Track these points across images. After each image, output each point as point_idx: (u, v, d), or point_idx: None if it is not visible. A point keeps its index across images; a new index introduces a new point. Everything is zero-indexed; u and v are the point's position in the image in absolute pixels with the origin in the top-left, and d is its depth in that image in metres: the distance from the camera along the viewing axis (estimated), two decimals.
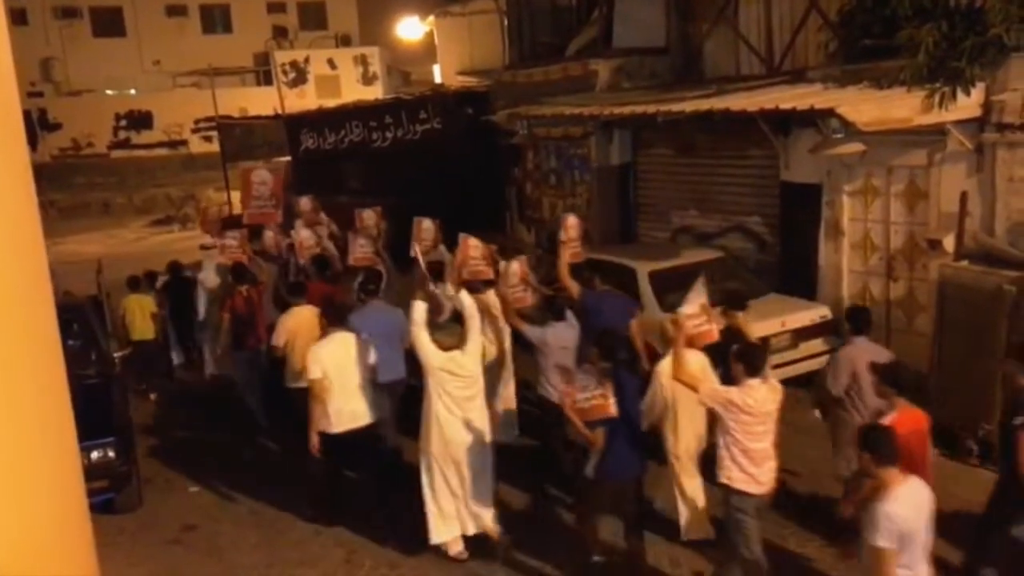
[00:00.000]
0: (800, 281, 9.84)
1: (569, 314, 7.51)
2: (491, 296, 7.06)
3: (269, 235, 10.55)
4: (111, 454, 7.26)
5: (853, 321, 6.62)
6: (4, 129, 4.30)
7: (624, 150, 12.64)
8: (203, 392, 10.62)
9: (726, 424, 5.38)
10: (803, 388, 9.20)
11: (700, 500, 6.52)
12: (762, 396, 5.36)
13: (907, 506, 4.20)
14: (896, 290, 9.20)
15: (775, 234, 10.53)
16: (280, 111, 22.90)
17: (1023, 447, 4.79)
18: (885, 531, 4.13)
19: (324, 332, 7.08)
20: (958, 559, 6.11)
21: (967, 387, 7.58)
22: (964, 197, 8.15)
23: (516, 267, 7.96)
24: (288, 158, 19.68)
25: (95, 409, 7.16)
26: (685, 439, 6.47)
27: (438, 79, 21.84)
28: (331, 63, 28.65)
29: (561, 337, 7.26)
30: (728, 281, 9.90)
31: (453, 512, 6.41)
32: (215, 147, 25.26)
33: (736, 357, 5.51)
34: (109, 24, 35.60)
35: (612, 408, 5.58)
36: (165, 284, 11.42)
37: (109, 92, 35.27)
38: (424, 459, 6.38)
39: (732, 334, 6.55)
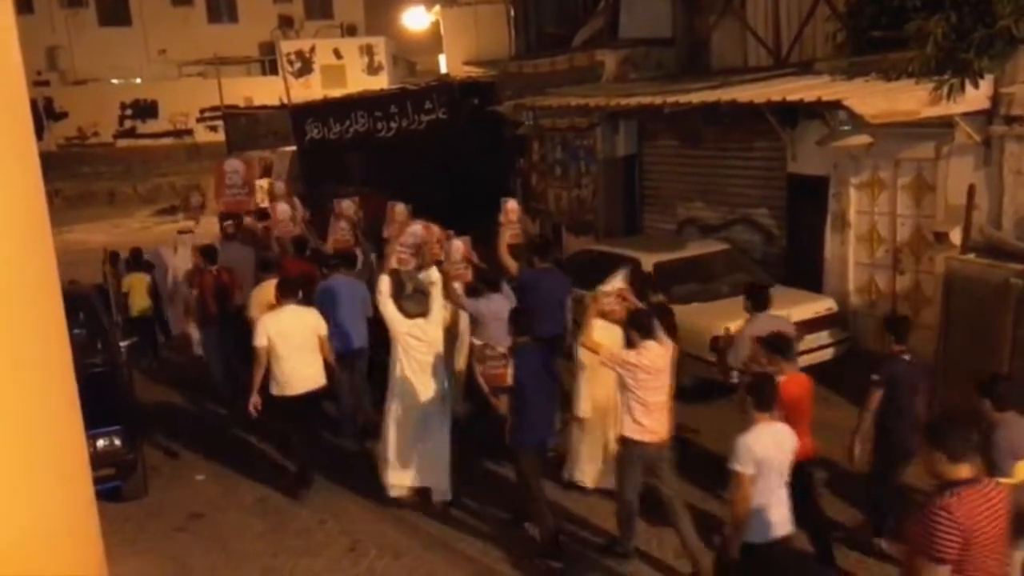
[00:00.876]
0: (806, 273, 9.83)
1: (506, 288, 8.11)
2: (432, 272, 7.49)
3: (248, 220, 11.27)
4: (117, 442, 7.29)
5: (753, 299, 7.18)
6: (12, 118, 4.30)
7: (630, 141, 12.61)
8: (200, 376, 10.62)
9: (625, 382, 5.98)
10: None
11: (602, 454, 7.05)
12: (655, 355, 5.97)
13: (766, 441, 4.93)
14: (902, 283, 9.18)
15: (781, 226, 10.51)
16: (285, 101, 22.87)
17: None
18: (743, 458, 4.87)
19: (277, 304, 7.56)
20: None
21: (972, 380, 7.56)
22: (971, 190, 8.13)
23: (459, 245, 8.67)
24: (293, 148, 19.68)
25: (101, 397, 7.15)
26: (592, 399, 7.03)
27: (444, 69, 21.80)
28: (337, 53, 28.64)
29: (495, 309, 7.67)
30: (734, 273, 9.92)
31: (409, 466, 7.06)
32: (220, 137, 25.30)
33: (629, 323, 6.14)
34: (115, 13, 35.55)
35: (508, 378, 6.30)
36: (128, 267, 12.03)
37: (115, 81, 35.26)
38: (387, 417, 7.05)
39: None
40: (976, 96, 7.82)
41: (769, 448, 4.91)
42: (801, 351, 8.86)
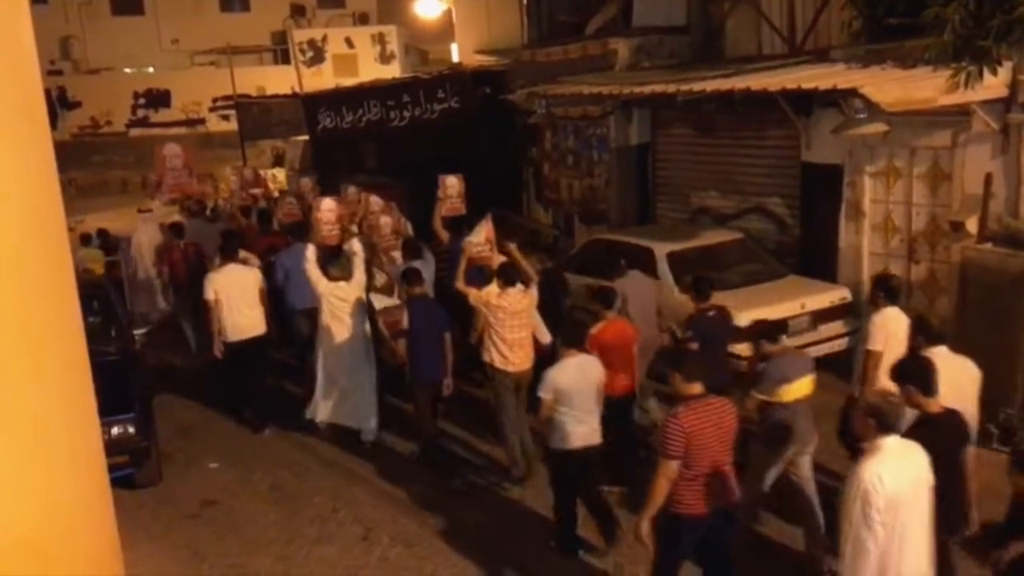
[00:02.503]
0: (820, 263, 9.78)
1: (427, 254, 9.39)
2: (354, 243, 8.61)
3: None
4: (131, 430, 7.32)
5: (622, 261, 8.38)
6: (28, 108, 4.31)
7: (643, 130, 12.55)
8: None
9: (489, 320, 7.26)
10: (823, 370, 9.19)
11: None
12: (513, 299, 7.26)
13: (569, 373, 6.03)
14: (917, 272, 9.12)
15: (795, 215, 10.46)
16: (297, 90, 22.86)
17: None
18: (545, 386, 6.04)
19: (222, 264, 8.90)
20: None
21: (988, 371, 7.48)
22: (988, 179, 8.05)
23: (387, 220, 9.72)
24: (306, 137, 19.68)
25: (115, 385, 7.19)
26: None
27: (456, 58, 21.73)
28: (348, 42, 28.55)
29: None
30: (747, 263, 9.88)
31: (332, 401, 8.28)
32: (233, 126, 25.30)
33: (496, 275, 7.49)
34: (127, 2, 35.59)
35: (404, 323, 7.62)
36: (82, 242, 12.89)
37: (127, 70, 35.32)
38: (316, 364, 8.33)
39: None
40: (994, 83, 7.73)
41: (571, 378, 6.01)
42: (814, 341, 8.88)
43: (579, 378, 6.04)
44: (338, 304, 8.12)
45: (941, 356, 5.37)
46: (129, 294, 11.91)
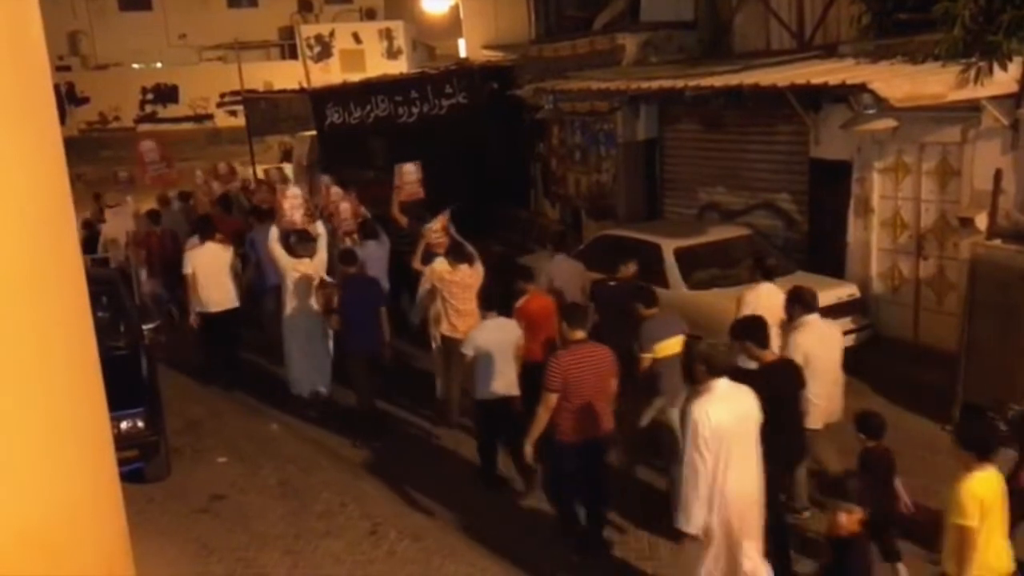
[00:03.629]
0: (828, 259, 9.75)
1: (383, 236, 10.30)
2: (318, 226, 9.46)
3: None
4: (140, 424, 7.35)
5: (554, 242, 9.57)
6: (38, 104, 4.33)
7: (651, 125, 12.52)
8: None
9: (442, 293, 8.27)
10: None
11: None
12: (463, 273, 8.22)
13: (487, 333, 7.01)
14: (926, 269, 9.09)
15: (803, 211, 10.42)
16: (305, 85, 22.88)
17: None
18: (467, 345, 7.04)
19: (199, 243, 9.91)
20: None
21: (997, 367, 7.49)
22: (998, 175, 8.01)
23: (346, 206, 10.59)
24: (313, 133, 19.69)
25: (124, 380, 7.23)
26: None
27: (463, 53, 21.71)
28: (356, 37, 28.52)
29: (369, 252, 9.82)
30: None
31: (304, 371, 9.17)
32: (240, 121, 25.29)
33: (447, 254, 8.46)
34: None
35: (335, 302, 8.55)
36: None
37: (136, 66, 35.39)
38: (283, 330, 9.23)
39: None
40: (1004, 79, 7.70)
41: (491, 336, 6.97)
42: None
43: (497, 336, 6.99)
44: (299, 280, 8.94)
45: (814, 323, 6.32)
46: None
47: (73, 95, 32.92)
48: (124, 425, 7.11)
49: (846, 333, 8.91)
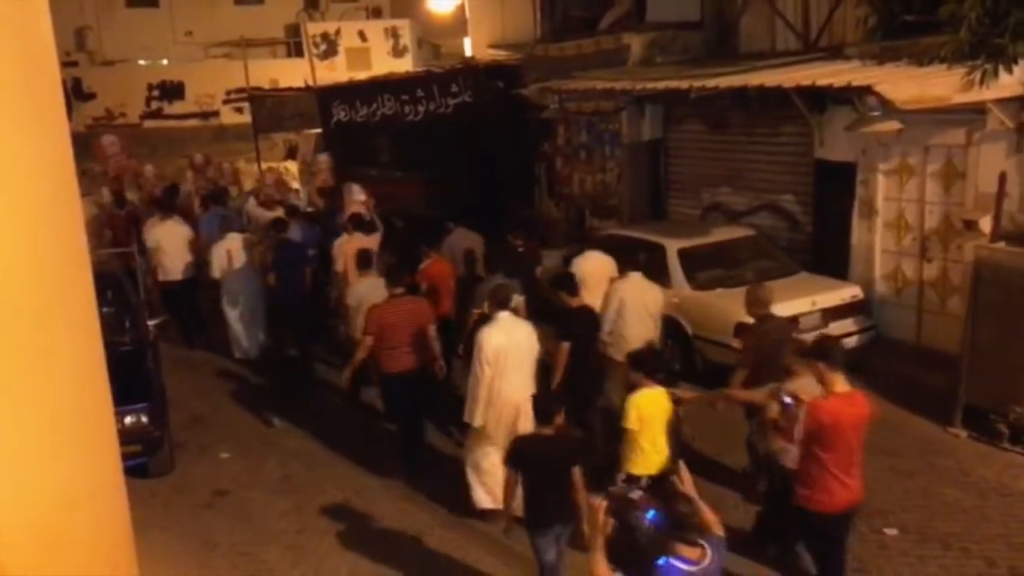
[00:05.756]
0: (832, 260, 9.76)
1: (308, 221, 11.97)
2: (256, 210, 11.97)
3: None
4: (144, 419, 7.39)
5: (449, 224, 10.45)
6: (46, 100, 4.35)
7: (656, 126, 12.53)
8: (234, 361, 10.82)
9: (350, 265, 9.16)
10: None
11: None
12: (363, 241, 9.52)
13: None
14: (929, 271, 9.09)
15: (808, 213, 10.42)
16: (310, 83, 22.86)
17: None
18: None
19: (161, 220, 11.51)
20: (982, 541, 6.10)
21: (1000, 370, 7.50)
22: (1003, 177, 8.01)
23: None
24: (319, 130, 19.71)
25: (129, 375, 7.26)
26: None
27: (469, 52, 21.69)
28: (362, 35, 28.47)
29: (296, 236, 11.01)
30: (759, 260, 9.86)
31: (242, 334, 10.63)
32: (246, 118, 25.27)
33: (348, 221, 10.33)
34: None
35: (272, 281, 10.15)
36: None
37: (142, 62, 35.38)
38: (222, 296, 10.62)
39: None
40: (1009, 82, 7.67)
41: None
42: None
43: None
44: (236, 250, 10.60)
45: (635, 280, 7.85)
46: None
47: (80, 91, 32.91)
48: (128, 420, 7.15)
49: (849, 334, 8.96)
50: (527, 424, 6.03)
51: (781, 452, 5.68)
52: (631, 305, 7.67)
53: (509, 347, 6.41)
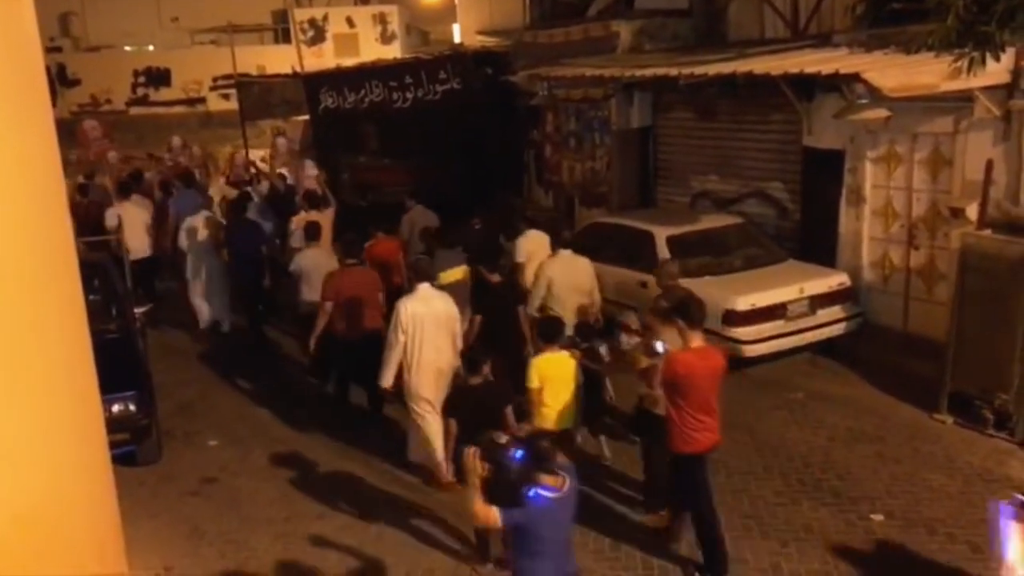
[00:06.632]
0: (820, 248, 9.78)
1: (256, 196, 12.90)
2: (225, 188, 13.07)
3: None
4: (132, 407, 7.36)
5: (407, 201, 11.13)
6: (29, 87, 4.31)
7: (644, 113, 12.52)
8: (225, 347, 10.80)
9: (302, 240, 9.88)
10: (821, 355, 9.24)
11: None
12: (318, 216, 10.40)
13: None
14: (917, 258, 9.13)
15: (796, 200, 10.44)
16: (298, 69, 22.73)
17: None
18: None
19: (120, 201, 12.28)
20: (970, 525, 6.16)
21: (985, 356, 7.55)
22: (989, 165, 8.05)
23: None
24: (306, 117, 19.61)
25: (116, 363, 7.20)
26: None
27: (457, 39, 21.61)
28: (349, 21, 28.33)
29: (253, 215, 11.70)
30: (747, 247, 9.88)
31: (203, 307, 11.27)
32: (233, 105, 25.14)
33: (303, 198, 11.45)
34: None
35: (226, 257, 11.08)
36: None
37: (128, 48, 35.07)
38: (187, 273, 11.30)
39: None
40: (997, 69, 7.70)
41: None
42: (813, 326, 8.91)
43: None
44: (200, 231, 11.17)
45: (564, 257, 8.35)
46: None
47: (64, 77, 32.61)
48: (116, 408, 7.11)
49: (836, 322, 9.00)
50: (445, 385, 6.93)
51: (653, 401, 6.19)
52: (560, 282, 8.17)
53: (426, 316, 6.94)
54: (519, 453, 4.33)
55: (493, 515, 4.34)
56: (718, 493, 6.79)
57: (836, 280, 9.18)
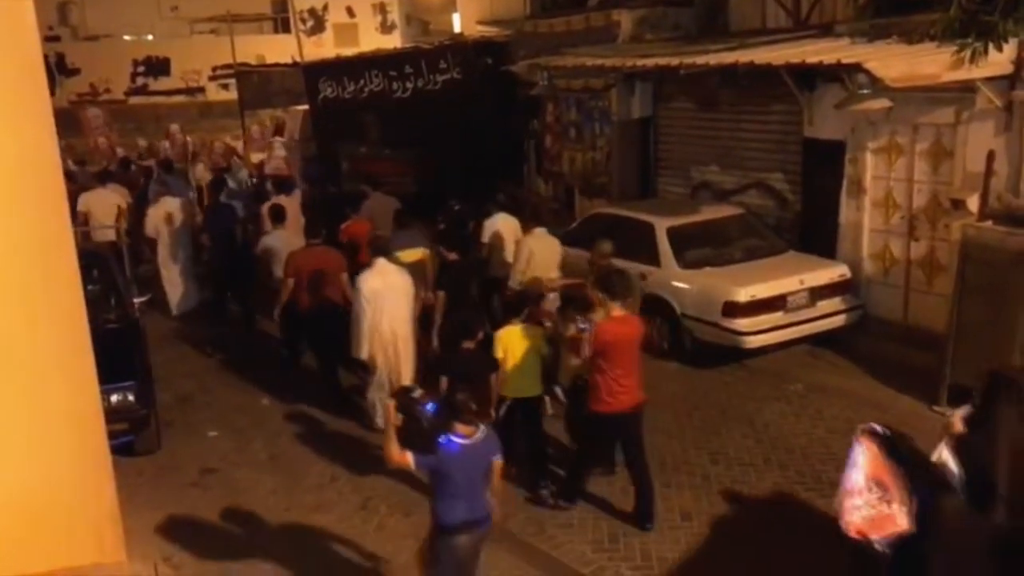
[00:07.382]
0: (820, 239, 9.77)
1: (231, 183, 14.05)
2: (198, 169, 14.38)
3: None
4: (130, 397, 7.34)
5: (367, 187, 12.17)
6: (27, 76, 4.28)
7: (645, 103, 12.48)
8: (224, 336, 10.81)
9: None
10: (821, 347, 9.23)
11: None
12: (286, 200, 11.23)
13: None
14: (917, 250, 9.11)
15: (796, 191, 10.42)
16: (298, 59, 22.67)
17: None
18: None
19: (95, 188, 12.74)
20: None
21: (985, 348, 7.53)
22: (991, 156, 8.01)
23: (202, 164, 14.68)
24: (305, 107, 19.57)
25: (115, 353, 7.19)
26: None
27: (457, 28, 21.52)
28: (349, 11, 28.22)
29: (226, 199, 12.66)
30: (748, 238, 9.86)
31: (173, 292, 11.70)
32: (232, 95, 25.11)
33: (273, 184, 12.21)
34: None
35: (206, 242, 11.63)
36: None
37: (127, 38, 34.97)
38: (159, 260, 11.79)
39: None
40: (999, 60, 7.68)
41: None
42: (813, 317, 8.90)
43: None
44: (174, 214, 11.64)
45: (539, 234, 9.02)
46: None
47: (63, 66, 32.50)
48: (114, 398, 7.08)
49: (837, 313, 9.00)
50: (406, 351, 7.74)
51: (575, 368, 6.62)
52: (539, 255, 8.88)
53: (384, 289, 7.60)
54: (432, 406, 4.78)
55: (407, 459, 4.77)
56: (716, 483, 6.83)
57: (836, 272, 9.17)
